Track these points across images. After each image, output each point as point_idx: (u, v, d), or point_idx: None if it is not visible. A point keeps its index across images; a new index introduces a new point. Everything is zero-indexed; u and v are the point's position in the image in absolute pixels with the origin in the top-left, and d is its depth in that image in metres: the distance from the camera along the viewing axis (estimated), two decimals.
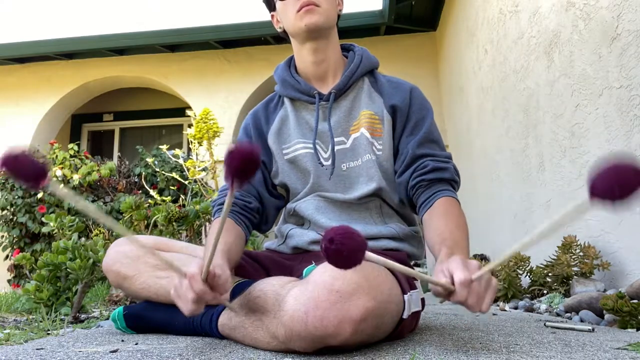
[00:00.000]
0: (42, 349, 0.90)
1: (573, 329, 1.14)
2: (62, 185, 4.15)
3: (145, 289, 1.07)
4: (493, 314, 1.62)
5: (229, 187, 0.67)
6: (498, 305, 1.97)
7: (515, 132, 2.72)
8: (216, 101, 4.99)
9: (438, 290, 0.76)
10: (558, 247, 1.99)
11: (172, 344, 0.93)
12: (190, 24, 4.88)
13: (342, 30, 2.61)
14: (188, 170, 3.00)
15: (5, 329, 1.32)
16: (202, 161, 3.01)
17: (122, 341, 0.99)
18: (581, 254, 1.88)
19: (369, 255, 0.62)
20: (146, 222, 2.39)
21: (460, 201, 1.07)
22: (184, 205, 2.82)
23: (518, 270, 2.13)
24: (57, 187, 0.63)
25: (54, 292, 1.68)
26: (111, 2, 7.48)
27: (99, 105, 5.96)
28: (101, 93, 5.75)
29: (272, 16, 1.25)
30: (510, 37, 2.75)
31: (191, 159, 3.01)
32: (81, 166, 4.28)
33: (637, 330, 1.21)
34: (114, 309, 1.20)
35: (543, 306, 1.76)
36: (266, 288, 0.85)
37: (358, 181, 1.12)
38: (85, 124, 6.18)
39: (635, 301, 1.28)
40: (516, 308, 1.88)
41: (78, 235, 2.13)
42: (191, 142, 2.93)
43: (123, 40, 4.98)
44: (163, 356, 0.81)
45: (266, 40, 4.93)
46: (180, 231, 2.41)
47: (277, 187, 1.22)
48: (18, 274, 4.22)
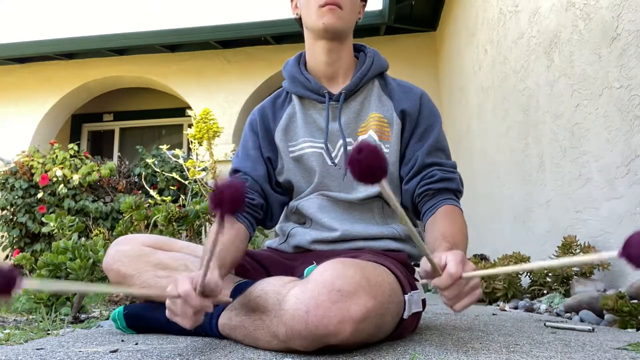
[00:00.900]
0: (42, 349, 0.90)
1: (573, 329, 1.14)
2: (62, 185, 4.15)
3: (145, 289, 1.07)
4: (493, 314, 1.62)
5: (218, 226, 0.67)
6: (498, 305, 1.97)
7: (515, 132, 2.72)
8: (216, 101, 4.99)
9: (425, 268, 0.78)
10: (558, 247, 1.99)
11: (172, 344, 0.93)
12: (190, 24, 4.89)
13: None
14: (188, 170, 3.00)
15: (5, 329, 1.32)
16: (202, 161, 3.01)
17: (122, 341, 0.99)
18: (581, 254, 1.88)
19: (384, 184, 0.61)
20: (146, 222, 2.39)
21: (462, 206, 1.08)
22: (184, 205, 2.82)
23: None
24: (30, 282, 0.61)
25: (54, 292, 1.67)
26: (111, 2, 7.48)
27: (99, 105, 5.96)
28: (101, 93, 5.75)
29: (292, 1, 1.24)
30: (510, 37, 2.75)
31: (191, 159, 3.01)
32: (81, 166, 4.28)
33: (637, 330, 1.21)
34: (114, 309, 1.19)
35: (543, 306, 1.76)
36: (267, 287, 0.85)
37: None
38: (85, 124, 6.18)
39: (635, 301, 1.28)
40: (516, 308, 1.88)
41: (78, 235, 2.13)
42: (191, 142, 2.93)
43: (123, 40, 4.98)
44: (163, 356, 0.81)
45: (266, 40, 4.93)
46: (180, 231, 2.42)
47: (281, 185, 1.21)
48: None
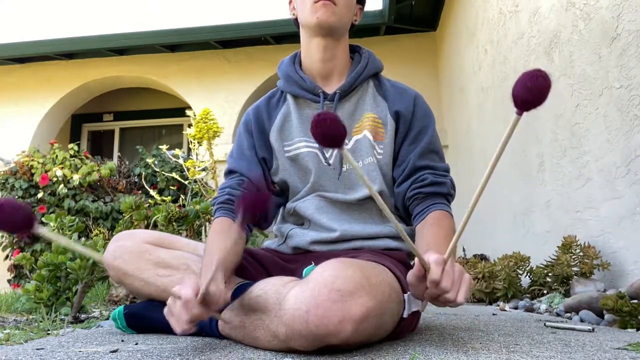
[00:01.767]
0: (42, 349, 0.90)
1: (573, 329, 1.14)
2: (62, 185, 4.15)
3: (146, 287, 1.07)
4: (493, 314, 1.62)
5: (239, 224, 0.72)
6: (498, 305, 1.97)
7: (515, 132, 2.71)
8: (216, 101, 4.99)
9: (414, 271, 0.80)
10: (558, 247, 1.99)
11: (172, 344, 0.93)
12: (190, 24, 4.89)
13: None
14: (188, 170, 3.00)
15: (5, 329, 1.32)
16: (202, 161, 3.01)
17: (122, 341, 0.99)
18: (581, 254, 1.88)
19: (345, 151, 0.68)
20: (146, 222, 2.39)
21: (457, 207, 1.10)
22: (184, 205, 2.82)
23: (518, 270, 2.13)
24: (45, 231, 0.63)
25: (54, 292, 1.67)
26: (111, 2, 7.48)
27: (99, 105, 5.96)
28: (101, 93, 5.75)
29: (290, 1, 1.24)
30: (510, 37, 2.75)
31: (191, 159, 3.01)
32: (81, 166, 4.27)
33: (637, 330, 1.21)
34: (114, 309, 1.19)
35: (543, 306, 1.76)
36: (267, 287, 0.85)
37: (359, 182, 1.12)
38: (85, 124, 6.18)
39: (635, 301, 1.28)
40: (516, 308, 1.88)
41: (78, 235, 2.13)
42: (191, 142, 2.93)
43: (123, 40, 4.98)
44: (163, 356, 0.81)
45: (266, 40, 4.93)
46: (180, 231, 2.41)
47: (277, 185, 1.21)
48: (18, 274, 4.22)
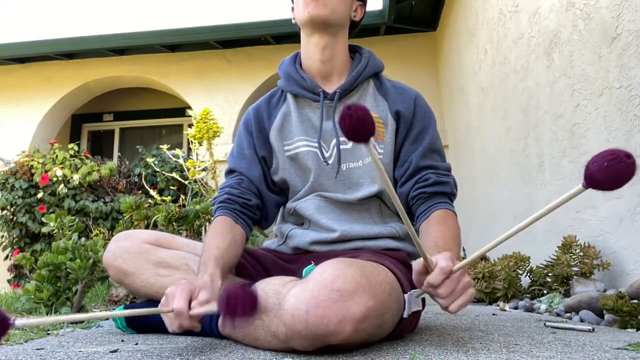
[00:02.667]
0: (42, 349, 0.90)
1: (573, 329, 1.14)
2: (62, 185, 4.15)
3: (146, 287, 1.07)
4: (493, 314, 1.62)
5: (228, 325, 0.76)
6: (498, 305, 1.97)
7: (515, 132, 2.72)
8: (216, 101, 4.99)
9: (417, 268, 0.80)
10: (558, 247, 1.99)
11: (172, 344, 0.93)
12: (190, 24, 4.88)
13: None
14: (188, 170, 3.00)
15: None
16: (202, 161, 3.01)
17: (122, 341, 0.99)
18: (581, 254, 1.88)
19: (370, 147, 0.65)
20: (146, 222, 2.39)
21: (458, 207, 1.10)
22: (184, 205, 2.82)
23: (518, 270, 2.13)
24: (24, 321, 0.61)
25: (54, 292, 1.68)
26: (111, 2, 7.48)
27: (99, 105, 5.96)
28: (101, 93, 5.75)
29: (292, 9, 1.24)
30: (510, 37, 2.75)
31: (191, 159, 3.01)
32: (81, 166, 4.28)
33: (637, 330, 1.21)
34: (114, 309, 1.19)
35: (543, 306, 1.76)
36: (267, 287, 0.85)
37: (360, 182, 1.12)
38: (85, 124, 6.18)
39: (635, 301, 1.28)
40: (516, 308, 1.88)
41: (78, 235, 2.13)
42: (191, 142, 2.93)
43: (123, 40, 4.98)
44: (163, 356, 0.81)
45: (266, 40, 4.93)
46: (180, 231, 2.42)
47: (277, 184, 1.21)
48: (18, 274, 4.22)
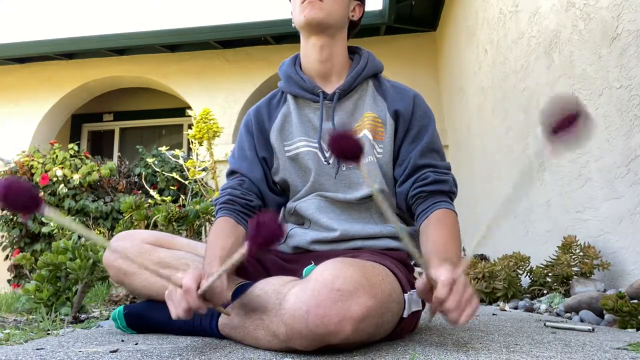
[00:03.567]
0: (42, 349, 0.90)
1: (573, 329, 1.14)
2: (62, 185, 4.15)
3: (146, 287, 1.07)
4: (493, 314, 1.62)
5: (246, 252, 0.74)
6: (498, 305, 1.97)
7: (515, 132, 2.72)
8: (216, 101, 4.99)
9: (420, 285, 0.81)
10: (558, 247, 1.99)
11: (172, 344, 0.93)
12: (190, 24, 4.88)
13: None
14: (188, 170, 3.00)
15: (5, 329, 1.32)
16: (202, 161, 3.01)
17: (122, 341, 0.99)
18: (581, 254, 1.88)
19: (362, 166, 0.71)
20: (146, 222, 2.39)
21: (457, 207, 1.10)
22: (184, 205, 2.82)
23: (518, 270, 2.13)
24: (51, 212, 0.63)
25: (54, 292, 1.68)
26: (111, 2, 7.48)
27: (99, 105, 5.96)
28: (101, 93, 5.75)
29: (292, 12, 1.25)
30: (510, 37, 2.75)
31: (191, 159, 3.01)
32: (81, 166, 4.28)
33: (637, 330, 1.21)
34: (114, 309, 1.19)
35: (543, 306, 1.76)
36: (267, 287, 0.85)
37: (360, 182, 1.12)
38: (85, 124, 6.18)
39: (635, 301, 1.28)
40: (516, 308, 1.87)
41: (78, 235, 2.13)
42: (191, 142, 2.93)
43: (123, 40, 4.98)
44: (163, 356, 0.81)
45: (266, 40, 4.93)
46: (180, 231, 2.42)
47: (278, 184, 1.22)
48: (18, 274, 4.22)
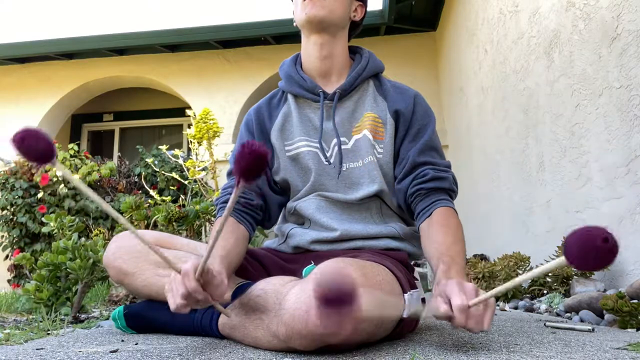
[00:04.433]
0: (42, 349, 0.90)
1: (573, 329, 1.14)
2: (62, 185, 4.15)
3: (146, 287, 1.07)
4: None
5: (235, 185, 0.67)
6: (498, 305, 1.97)
7: (515, 132, 2.72)
8: (216, 101, 4.99)
9: (439, 316, 0.77)
10: (558, 247, 1.99)
11: (172, 344, 0.93)
12: (190, 24, 4.89)
13: None
14: (188, 170, 3.00)
15: (5, 329, 1.32)
16: (202, 161, 3.01)
17: (122, 341, 0.99)
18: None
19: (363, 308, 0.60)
20: (146, 222, 2.39)
21: (457, 207, 1.09)
22: (184, 205, 2.82)
23: (518, 270, 2.13)
24: (61, 167, 0.64)
25: (54, 292, 1.67)
26: (111, 2, 7.48)
27: (99, 105, 5.96)
28: (101, 93, 5.75)
29: (293, 12, 1.25)
30: (510, 37, 2.75)
31: (191, 159, 3.01)
32: (81, 166, 4.28)
33: (637, 330, 1.21)
34: (114, 309, 1.19)
35: (543, 306, 1.76)
36: (267, 287, 0.85)
37: (360, 182, 1.12)
38: (85, 124, 6.18)
39: (635, 301, 1.28)
40: (516, 308, 1.87)
41: (78, 235, 2.13)
42: (191, 142, 2.93)
43: (123, 40, 4.98)
44: (163, 356, 0.80)
45: (266, 40, 4.93)
46: (180, 231, 2.41)
47: (278, 184, 1.22)
48: (18, 274, 4.22)
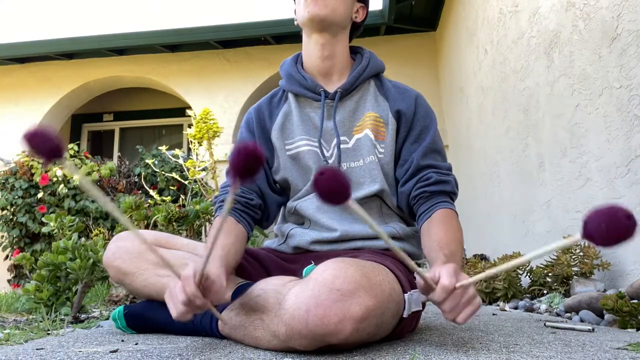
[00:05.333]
0: (42, 349, 0.90)
1: (573, 329, 1.14)
2: (62, 185, 4.15)
3: (146, 287, 1.07)
4: (493, 314, 1.62)
5: (231, 186, 0.67)
6: (498, 305, 1.97)
7: (515, 132, 2.72)
8: (216, 101, 4.99)
9: (420, 283, 0.80)
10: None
11: (172, 344, 0.93)
12: (190, 24, 4.89)
13: None
14: (188, 170, 3.00)
15: (5, 329, 1.32)
16: (202, 161, 3.01)
17: (122, 341, 0.99)
18: (581, 254, 1.88)
19: (351, 203, 0.65)
20: (146, 222, 2.39)
21: (457, 207, 1.10)
22: (184, 205, 2.82)
23: (518, 270, 2.13)
24: (69, 165, 0.64)
25: (54, 292, 1.67)
26: (111, 2, 7.48)
27: (99, 105, 5.96)
28: (101, 93, 5.75)
29: (295, 11, 1.25)
30: (510, 37, 2.75)
31: (191, 159, 3.01)
32: (81, 166, 4.28)
33: (637, 330, 1.21)
34: (114, 309, 1.19)
35: (543, 306, 1.76)
36: (267, 287, 0.85)
37: (360, 182, 1.12)
38: (85, 124, 6.18)
39: (635, 301, 1.28)
40: (516, 308, 1.88)
41: (78, 235, 2.13)
42: (191, 142, 2.93)
43: (123, 40, 4.98)
44: (163, 356, 0.80)
45: (266, 40, 4.93)
46: (180, 231, 2.42)
47: (278, 183, 1.22)
48: (18, 274, 4.22)
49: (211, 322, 0.99)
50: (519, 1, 2.58)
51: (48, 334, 1.19)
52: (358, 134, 1.14)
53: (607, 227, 0.55)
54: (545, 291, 2.00)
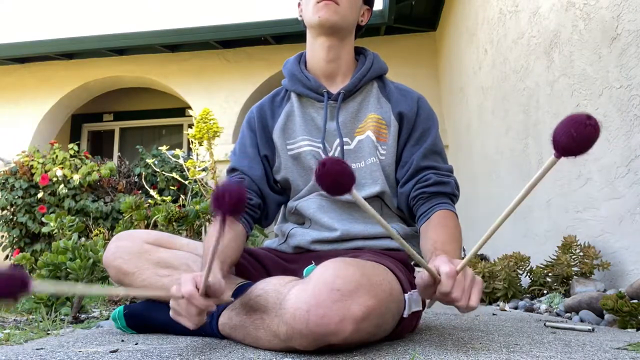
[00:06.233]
0: (42, 349, 0.90)
1: (573, 329, 1.14)
2: (62, 185, 4.15)
3: (146, 287, 1.06)
4: (493, 314, 1.62)
5: (219, 228, 0.69)
6: (498, 305, 1.97)
7: (515, 132, 2.72)
8: (216, 101, 4.99)
9: (425, 280, 0.79)
10: (558, 247, 1.99)
11: (172, 344, 0.93)
12: (190, 24, 4.89)
13: None
14: (188, 170, 3.00)
15: (5, 329, 1.32)
16: (202, 161, 3.01)
17: (122, 341, 0.99)
18: (581, 254, 1.88)
19: (355, 193, 0.66)
20: (146, 222, 2.39)
21: (457, 207, 1.10)
22: (184, 205, 2.82)
23: (518, 270, 2.13)
24: (43, 285, 0.62)
25: (58, 294, 1.67)
26: (111, 2, 7.48)
27: (99, 105, 5.96)
28: (101, 93, 5.75)
29: (299, 4, 1.24)
30: (510, 37, 2.75)
31: (191, 159, 3.01)
32: (81, 166, 4.28)
33: (637, 330, 1.21)
34: (114, 309, 1.19)
35: (543, 306, 1.76)
36: (267, 287, 0.85)
37: (362, 183, 1.12)
38: (85, 124, 6.18)
39: (635, 301, 1.28)
40: (516, 308, 1.88)
41: (78, 235, 2.13)
42: (191, 142, 2.93)
43: (123, 40, 4.98)
44: (163, 356, 0.81)
45: (266, 40, 4.93)
46: (180, 231, 2.42)
47: (279, 183, 1.21)
48: None
49: (211, 322, 0.99)
50: (519, 1, 2.58)
51: (48, 334, 1.19)
52: (360, 136, 1.14)
53: (577, 132, 0.58)
54: (545, 291, 2.00)
